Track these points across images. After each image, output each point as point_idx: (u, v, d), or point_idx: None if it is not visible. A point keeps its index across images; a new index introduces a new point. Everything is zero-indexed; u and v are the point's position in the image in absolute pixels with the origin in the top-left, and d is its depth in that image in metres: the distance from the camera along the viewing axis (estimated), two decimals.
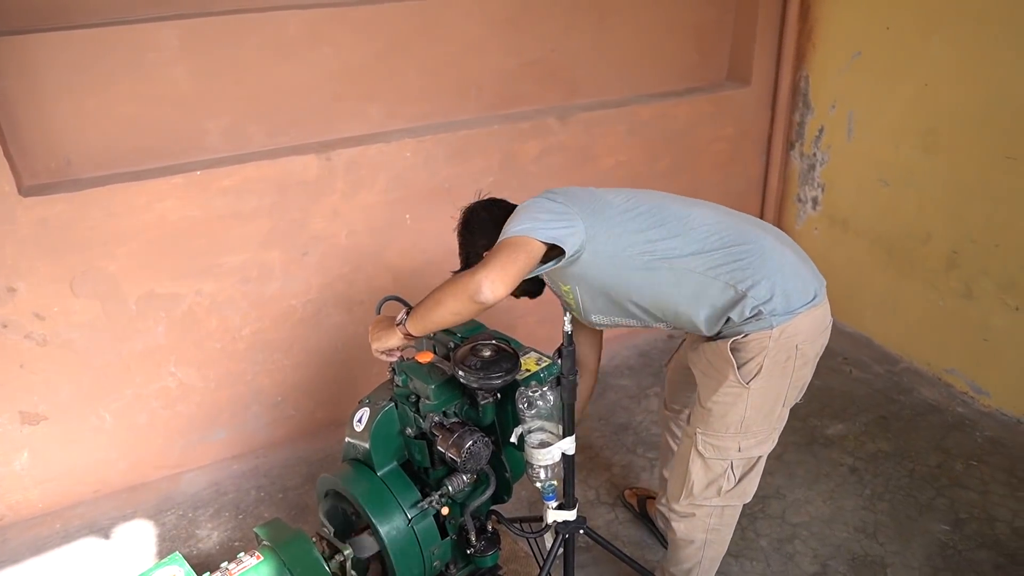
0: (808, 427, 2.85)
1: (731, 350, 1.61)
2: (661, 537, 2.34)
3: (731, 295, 1.59)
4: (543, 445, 1.65)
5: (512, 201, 1.86)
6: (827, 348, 3.16)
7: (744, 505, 2.39)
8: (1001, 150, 2.65)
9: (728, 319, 1.62)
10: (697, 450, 1.75)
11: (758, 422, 1.70)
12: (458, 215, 1.90)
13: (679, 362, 2.03)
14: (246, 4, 2.42)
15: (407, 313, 1.68)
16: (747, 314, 1.59)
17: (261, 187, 2.47)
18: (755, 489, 1.84)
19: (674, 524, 1.89)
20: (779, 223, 3.67)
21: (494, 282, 1.48)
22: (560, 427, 1.67)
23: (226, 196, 2.43)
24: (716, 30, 3.28)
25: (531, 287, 1.82)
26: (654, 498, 2.40)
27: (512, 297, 1.69)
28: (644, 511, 2.44)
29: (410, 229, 2.74)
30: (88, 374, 2.42)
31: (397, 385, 1.79)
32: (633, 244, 1.62)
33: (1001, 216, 2.71)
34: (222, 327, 2.58)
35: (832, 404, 2.98)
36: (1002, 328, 2.80)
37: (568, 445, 1.66)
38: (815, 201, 3.49)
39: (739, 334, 1.61)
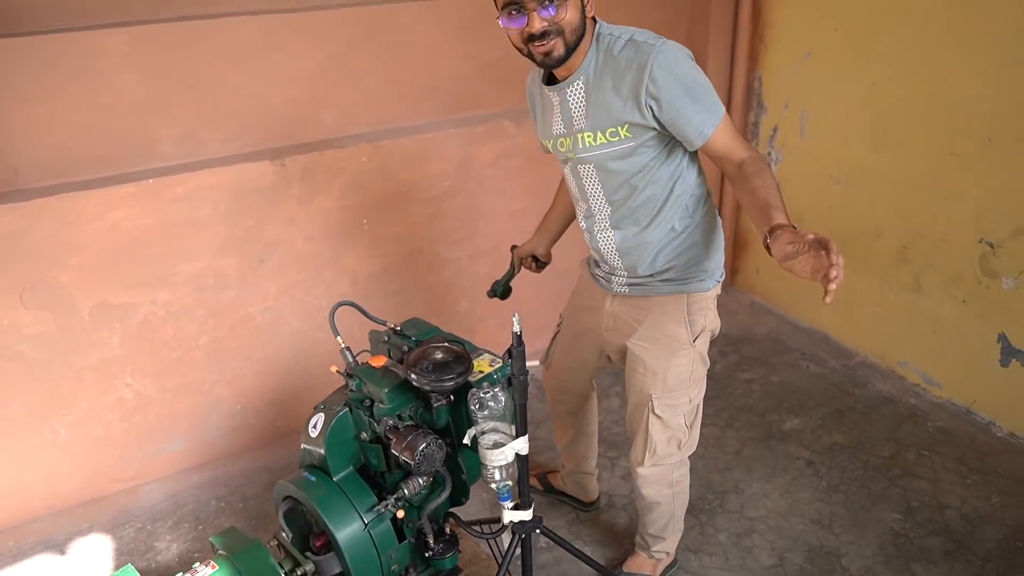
0: (766, 422, 2.90)
1: (687, 312, 1.79)
2: (575, 501, 2.50)
3: (704, 239, 1.78)
4: (496, 446, 1.66)
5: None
6: (784, 344, 3.26)
7: (703, 500, 2.45)
8: (946, 147, 2.72)
9: (678, 269, 1.77)
10: (655, 414, 1.87)
11: (700, 371, 1.88)
12: None
13: (566, 355, 2.13)
14: (197, 10, 2.41)
15: (770, 232, 1.40)
16: (697, 273, 1.78)
17: (215, 194, 2.46)
18: (698, 436, 2.00)
19: (643, 490, 2.01)
20: (737, 221, 3.73)
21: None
22: (513, 428, 1.68)
23: (180, 204, 2.41)
24: (669, 31, 3.28)
25: (576, 45, 1.61)
26: (554, 471, 2.54)
27: (553, 39, 1.56)
28: (550, 486, 2.54)
29: (367, 233, 2.74)
30: (40, 387, 2.39)
31: (351, 390, 1.79)
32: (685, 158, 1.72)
33: (947, 211, 2.78)
34: (179, 336, 2.56)
35: (789, 399, 3.03)
36: (950, 320, 2.87)
37: (521, 445, 1.68)
38: None
39: (684, 294, 1.79)
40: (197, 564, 1.68)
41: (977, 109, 2.59)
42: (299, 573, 1.72)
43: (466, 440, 1.68)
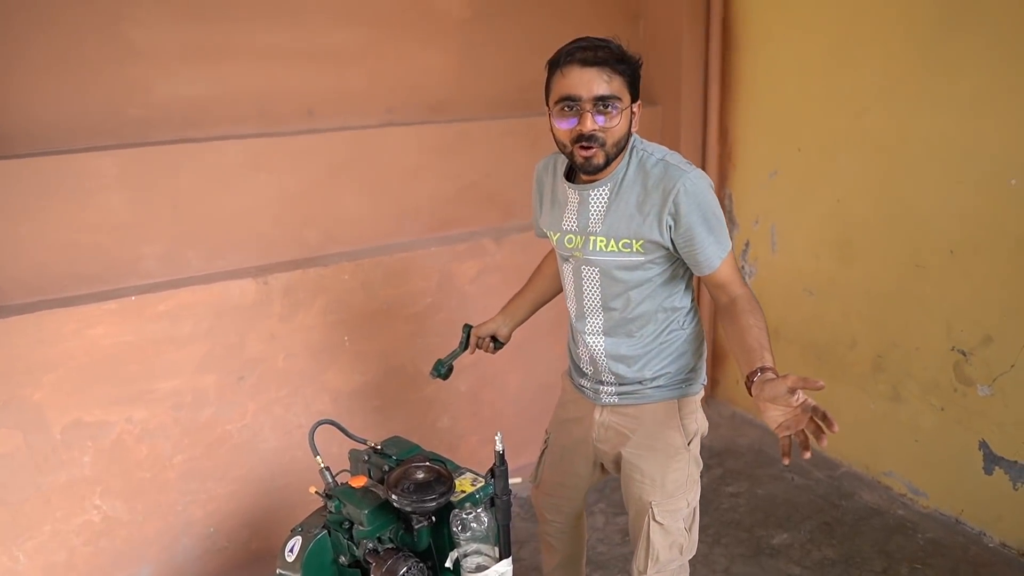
0: (754, 538, 2.84)
1: (680, 416, 1.83)
2: None
3: (694, 349, 1.84)
4: (479, 569, 1.61)
5: None
6: (767, 456, 3.24)
7: None
8: (910, 259, 2.82)
9: (680, 375, 1.83)
10: (656, 521, 1.86)
11: (695, 474, 1.90)
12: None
13: (555, 471, 2.07)
14: (185, 134, 2.50)
15: (758, 371, 1.49)
16: (688, 376, 1.84)
17: (197, 312, 2.46)
18: (698, 538, 1.98)
19: None
20: (714, 333, 3.78)
21: None
22: (496, 549, 1.64)
23: (161, 321, 2.41)
24: None
25: (621, 150, 1.67)
26: None
27: (601, 148, 1.60)
28: None
29: (348, 351, 2.74)
30: (2, 510, 2.29)
31: (330, 511, 1.74)
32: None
33: (917, 321, 2.85)
34: (152, 455, 2.49)
35: (776, 513, 2.99)
36: (930, 429, 2.88)
37: (505, 568, 1.63)
38: None
39: (675, 399, 1.83)
40: None
41: (937, 223, 2.71)
42: None
43: (448, 563, 1.63)
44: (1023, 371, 2.56)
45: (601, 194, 1.69)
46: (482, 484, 1.75)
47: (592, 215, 1.71)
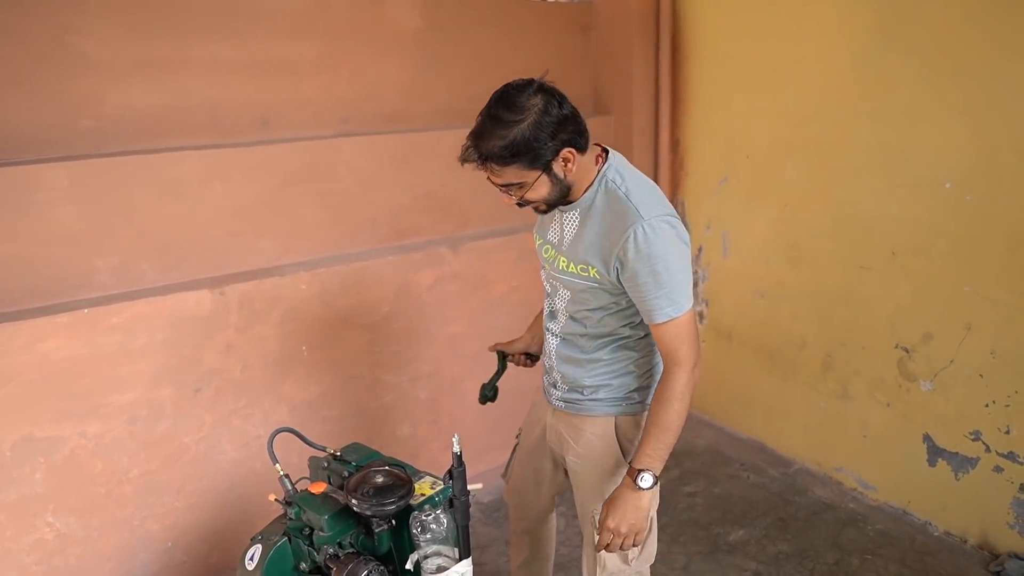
0: (711, 535, 2.90)
1: (617, 437, 1.82)
2: None
3: (646, 371, 1.82)
4: (440, 570, 1.63)
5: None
6: (723, 456, 3.31)
7: None
8: (854, 261, 2.92)
9: (613, 390, 1.81)
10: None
11: None
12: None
13: (523, 470, 2.11)
14: (138, 145, 2.48)
15: (639, 472, 1.62)
16: (632, 396, 1.82)
17: (152, 323, 2.44)
18: (655, 549, 1.95)
19: None
20: None
21: (697, 367, 1.63)
22: (456, 551, 1.66)
23: (115, 334, 2.39)
24: None
25: (558, 202, 1.69)
26: None
27: (523, 206, 1.69)
28: None
29: (306, 360, 2.74)
30: None
31: (290, 518, 1.74)
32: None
33: (863, 320, 2.95)
34: (108, 470, 2.46)
35: (732, 510, 3.05)
36: (877, 424, 2.99)
37: (465, 569, 1.65)
38: (701, 315, 3.69)
39: (612, 416, 1.82)
40: None
41: (879, 226, 2.82)
42: None
43: (409, 565, 1.65)
44: (962, 366, 2.67)
45: (572, 217, 1.72)
46: (441, 487, 1.77)
47: (565, 235, 1.75)
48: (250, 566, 1.73)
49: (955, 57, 2.51)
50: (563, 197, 1.66)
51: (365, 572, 1.60)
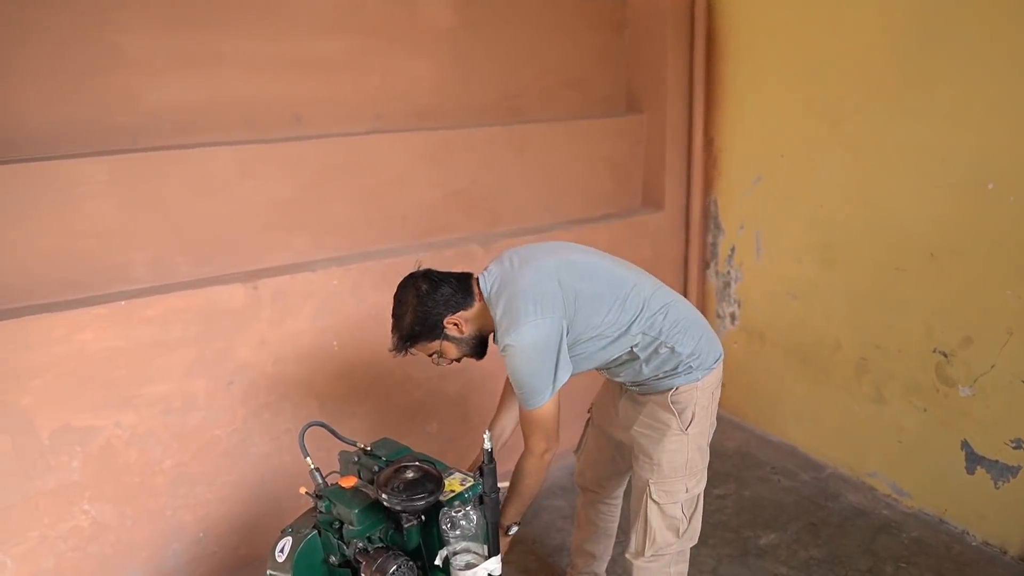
0: (741, 538, 2.87)
1: (671, 402, 1.91)
2: None
3: (666, 352, 1.89)
4: (469, 566, 1.63)
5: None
6: (754, 458, 3.30)
7: None
8: (891, 262, 2.86)
9: (666, 371, 1.91)
10: (652, 500, 1.96)
11: (696, 461, 1.98)
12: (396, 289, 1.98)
13: (596, 441, 2.26)
14: (174, 141, 2.52)
15: (507, 527, 1.94)
16: (680, 369, 1.90)
17: (186, 317, 2.47)
18: (699, 528, 2.07)
19: None
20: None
21: (554, 447, 1.88)
22: (485, 548, 1.65)
23: (150, 326, 2.42)
24: (628, 160, 3.52)
25: (477, 351, 1.96)
26: None
27: (455, 361, 1.97)
28: None
29: (337, 356, 2.75)
30: None
31: (320, 512, 1.75)
32: (590, 327, 1.86)
33: (899, 323, 2.89)
34: (142, 460, 2.50)
35: (763, 514, 3.01)
36: (913, 429, 2.92)
37: (494, 566, 1.65)
38: (733, 316, 3.65)
39: (672, 387, 1.91)
40: None
41: (917, 227, 2.76)
42: None
43: (438, 561, 1.65)
44: (1003, 371, 2.61)
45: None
46: (471, 484, 1.77)
47: None
48: (280, 558, 1.74)
49: (998, 54, 2.45)
50: (478, 344, 1.94)
51: (394, 567, 1.60)
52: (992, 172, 2.52)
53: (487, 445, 1.60)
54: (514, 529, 1.96)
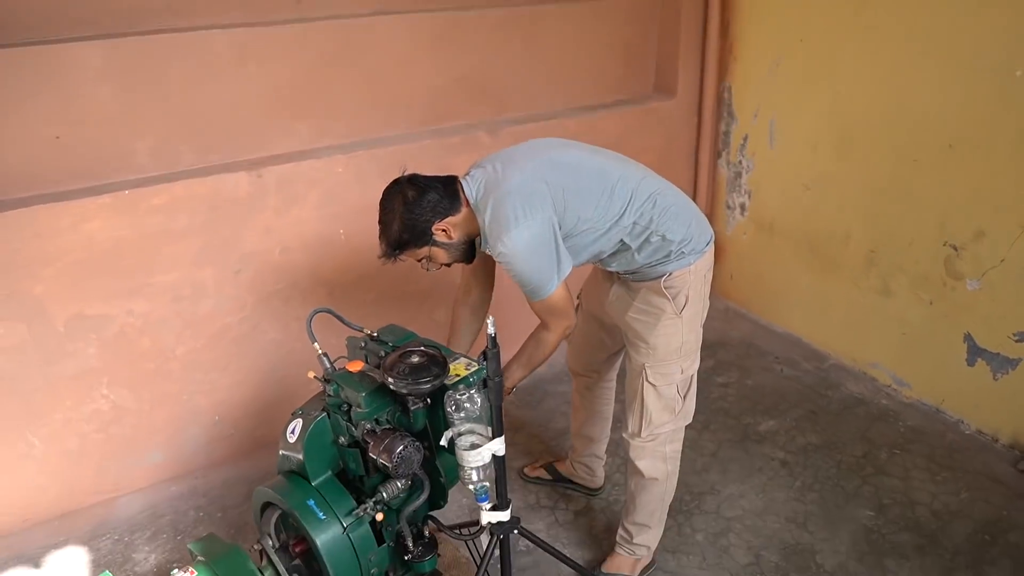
0: (741, 424, 2.94)
1: (664, 287, 1.92)
2: (585, 489, 2.61)
3: (658, 240, 1.89)
4: (473, 447, 1.68)
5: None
6: (758, 349, 3.32)
7: (680, 502, 2.48)
8: (908, 154, 2.79)
9: (656, 260, 1.92)
10: (649, 382, 2.01)
11: (691, 343, 2.01)
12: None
13: (586, 326, 2.28)
14: (171, 24, 2.43)
15: (511, 389, 1.98)
16: (672, 255, 1.91)
17: (192, 205, 2.47)
18: (694, 407, 2.13)
19: (638, 463, 2.11)
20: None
21: (568, 329, 1.92)
22: (489, 429, 1.70)
23: (156, 215, 2.42)
24: (641, 44, 3.39)
25: (466, 255, 1.95)
26: (560, 460, 2.67)
27: (445, 266, 1.97)
28: (558, 474, 2.64)
29: (344, 244, 2.76)
30: (14, 399, 2.37)
31: (329, 395, 1.80)
32: (581, 221, 1.85)
33: (911, 215, 2.85)
34: (156, 347, 2.56)
35: (763, 402, 3.08)
36: (918, 322, 2.94)
37: (498, 446, 1.70)
38: (743, 207, 3.61)
39: (664, 273, 1.92)
40: (175, 571, 1.68)
41: (937, 117, 2.67)
42: None
43: (443, 442, 1.70)
44: (1013, 265, 2.58)
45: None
46: (475, 368, 1.81)
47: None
48: (292, 439, 1.81)
49: None
50: (468, 249, 1.92)
51: (401, 447, 1.66)
52: (1023, 58, 2.41)
53: (490, 330, 1.61)
54: (515, 389, 2.02)
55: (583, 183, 1.85)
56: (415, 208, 1.83)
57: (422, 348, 1.74)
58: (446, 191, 1.85)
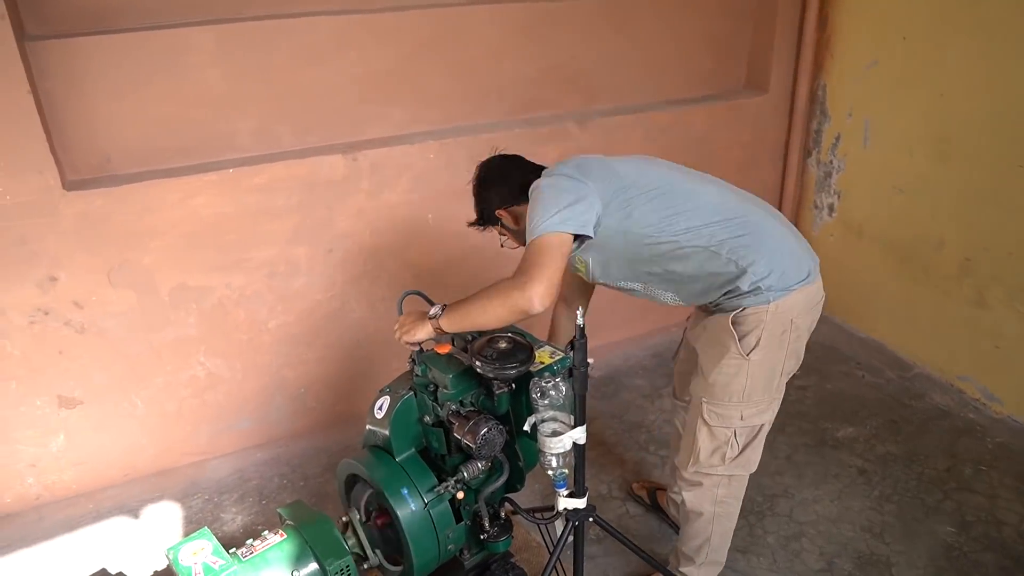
0: (818, 429, 2.90)
1: (732, 323, 1.77)
2: (674, 526, 2.41)
3: (732, 270, 1.75)
4: (555, 434, 1.71)
5: (529, 159, 2.02)
6: (839, 353, 3.21)
7: (752, 503, 2.45)
8: (1013, 159, 2.68)
9: (727, 291, 1.78)
10: (703, 418, 1.89)
11: (758, 391, 1.85)
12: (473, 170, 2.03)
13: (686, 352, 2.16)
14: (278, 9, 2.53)
15: (442, 309, 1.80)
16: (746, 289, 1.75)
17: (290, 185, 2.57)
18: (758, 459, 1.98)
19: (684, 494, 2.02)
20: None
21: (543, 296, 1.61)
22: (572, 417, 1.73)
23: (256, 193, 2.53)
24: (734, 39, 3.34)
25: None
26: (664, 489, 2.49)
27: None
28: (655, 502, 2.52)
29: (432, 228, 2.83)
30: (122, 362, 2.53)
31: (416, 375, 1.86)
32: (646, 224, 1.76)
33: (1014, 225, 2.74)
34: (249, 320, 2.68)
35: (843, 407, 3.02)
36: (1014, 335, 2.83)
37: (579, 435, 1.73)
38: (831, 208, 3.53)
39: (738, 308, 1.76)
40: (266, 532, 1.78)
41: None
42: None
43: (526, 427, 1.74)
44: None
45: None
46: (560, 356, 1.84)
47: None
48: (379, 415, 1.88)
49: None
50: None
51: (485, 429, 1.71)
52: None
53: (579, 321, 1.64)
54: (437, 317, 1.79)
55: (655, 188, 1.78)
56: (483, 192, 1.98)
57: (509, 335, 1.78)
58: (522, 180, 1.87)
